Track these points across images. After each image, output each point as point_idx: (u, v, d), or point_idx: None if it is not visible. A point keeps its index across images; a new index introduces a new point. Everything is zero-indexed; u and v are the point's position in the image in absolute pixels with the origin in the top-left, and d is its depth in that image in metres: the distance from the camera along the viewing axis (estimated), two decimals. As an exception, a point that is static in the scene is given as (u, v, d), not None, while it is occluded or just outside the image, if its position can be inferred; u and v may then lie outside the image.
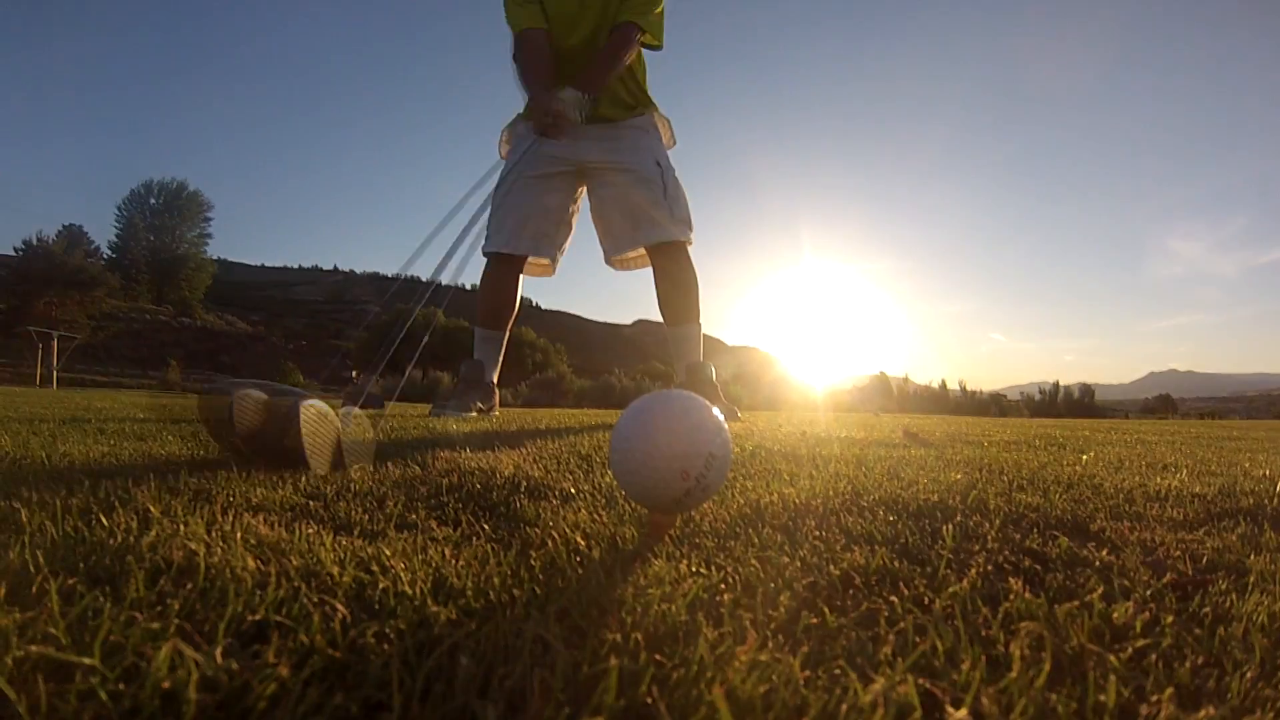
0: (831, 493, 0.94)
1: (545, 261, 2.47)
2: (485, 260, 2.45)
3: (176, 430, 1.70)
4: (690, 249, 2.35)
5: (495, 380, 2.48)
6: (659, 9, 2.34)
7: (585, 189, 2.48)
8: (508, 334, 2.50)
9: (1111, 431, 3.45)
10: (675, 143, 2.53)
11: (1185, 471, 1.39)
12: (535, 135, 2.39)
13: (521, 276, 2.51)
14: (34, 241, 56.61)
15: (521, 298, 2.57)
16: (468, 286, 2.59)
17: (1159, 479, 1.25)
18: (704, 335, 2.39)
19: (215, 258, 79.01)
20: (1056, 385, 17.49)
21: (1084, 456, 1.62)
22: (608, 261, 2.51)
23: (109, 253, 69.53)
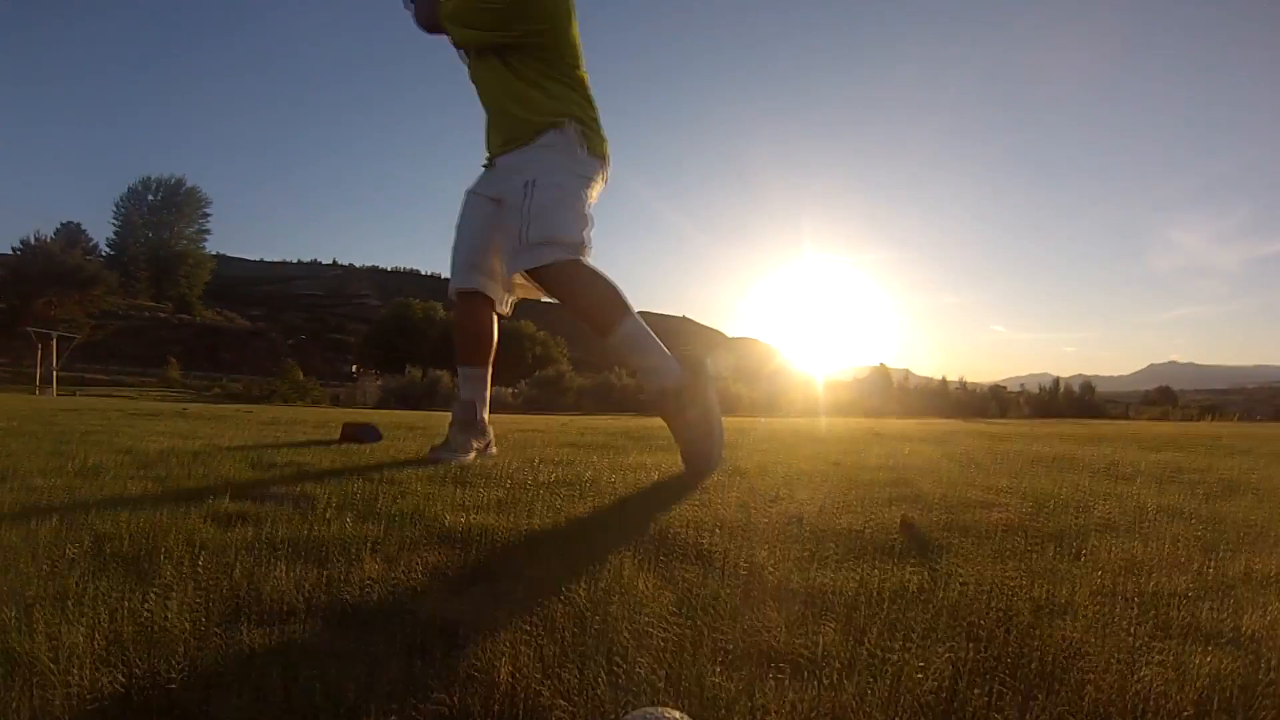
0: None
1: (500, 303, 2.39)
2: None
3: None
4: (569, 258, 2.17)
5: (487, 417, 2.45)
6: (467, 9, 2.31)
7: None
8: (490, 367, 2.45)
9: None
10: (603, 155, 2.32)
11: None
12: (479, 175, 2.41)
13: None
14: (32, 240, 56.45)
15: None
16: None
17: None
18: (705, 327, 2.23)
19: (214, 253, 78.81)
20: (1057, 383, 17.54)
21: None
22: (502, 309, 2.46)
23: (107, 250, 69.35)
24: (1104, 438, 4.33)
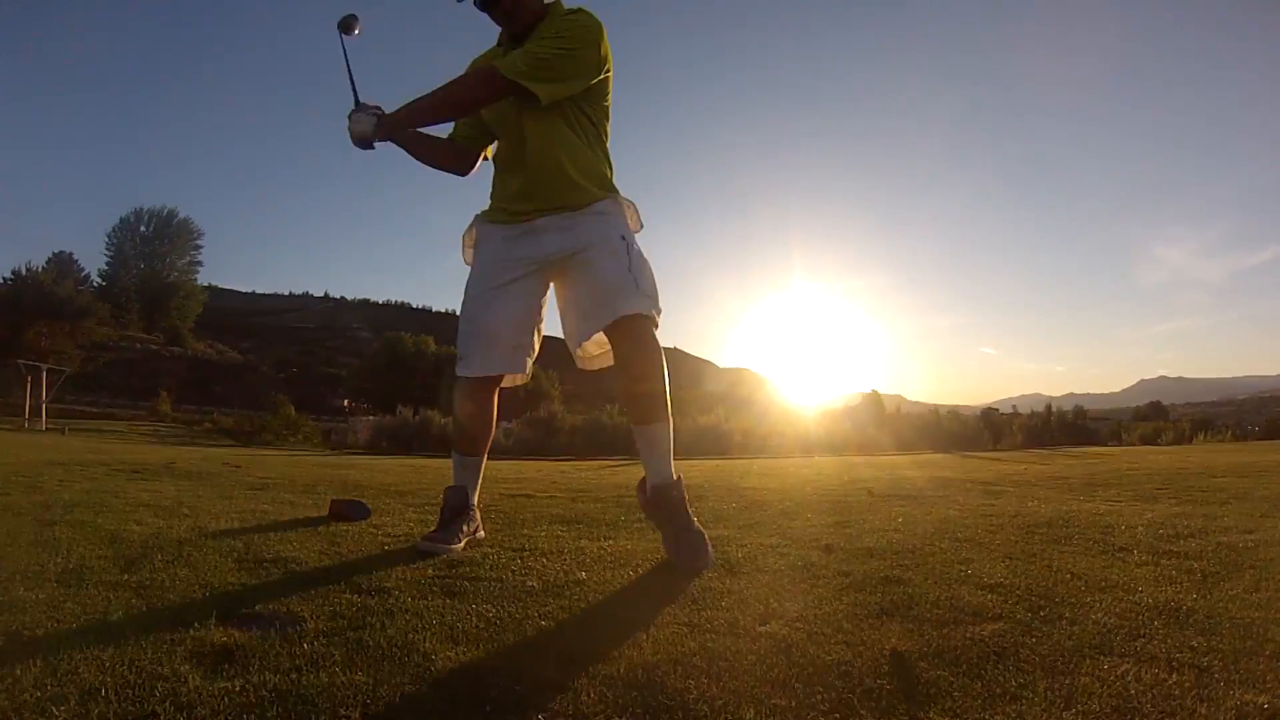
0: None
1: (520, 376, 2.40)
2: (458, 382, 2.33)
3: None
4: (656, 330, 2.18)
5: (477, 500, 2.43)
6: (551, 59, 2.15)
7: (552, 284, 2.35)
8: (486, 456, 2.45)
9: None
10: (642, 226, 2.39)
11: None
12: (489, 228, 2.32)
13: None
14: (23, 271, 56.32)
15: None
16: (458, 313, 2.48)
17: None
18: (696, 359, 2.18)
19: (206, 284, 78.72)
20: (1049, 409, 17.60)
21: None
22: (582, 363, 2.34)
23: (99, 281, 69.24)
24: (1099, 482, 4.32)
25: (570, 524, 2.80)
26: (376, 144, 2.22)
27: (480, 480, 2.44)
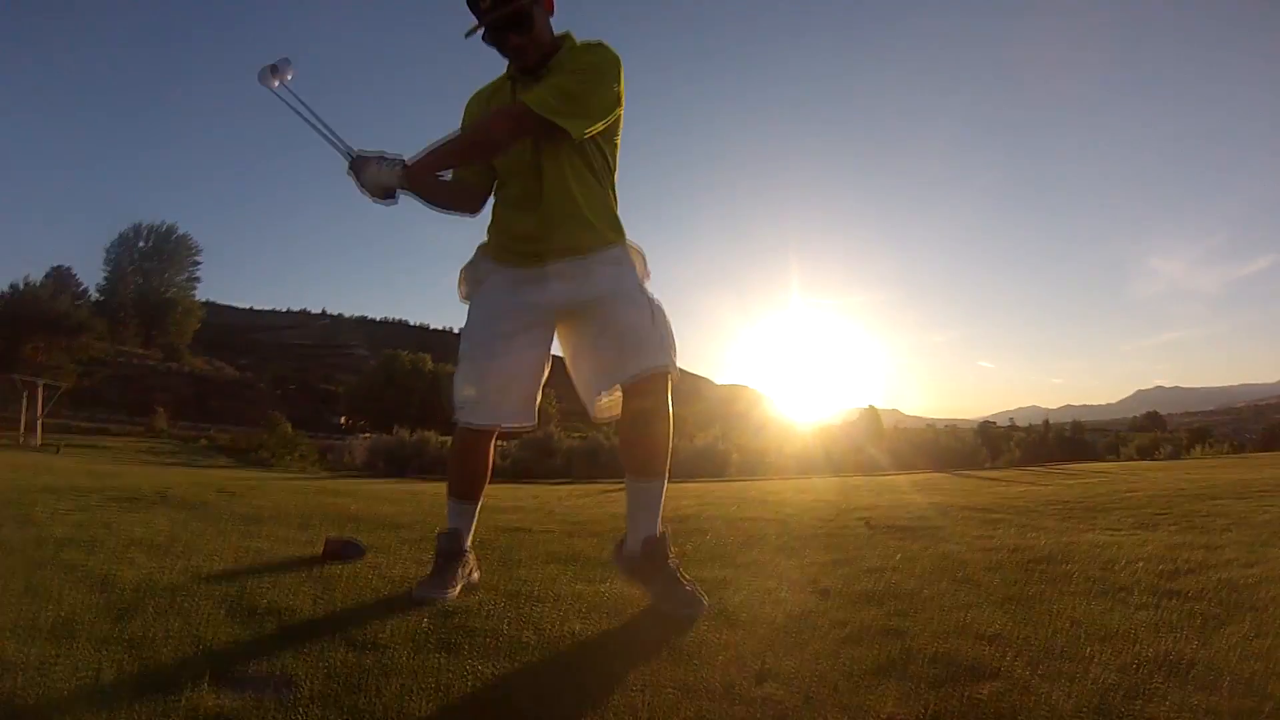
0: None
1: (528, 425, 2.38)
2: (457, 427, 2.27)
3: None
4: (671, 374, 2.16)
5: (471, 539, 2.40)
6: (580, 94, 2.09)
7: (559, 333, 2.28)
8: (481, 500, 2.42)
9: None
10: (649, 275, 2.38)
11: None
12: (495, 268, 2.24)
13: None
14: (20, 286, 56.31)
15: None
16: (455, 330, 2.44)
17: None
18: (693, 376, 2.12)
19: (204, 300, 78.80)
20: (1046, 424, 17.62)
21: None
22: (596, 412, 2.24)
23: (97, 295, 69.24)
24: (1099, 506, 4.31)
25: (566, 563, 2.78)
26: (400, 194, 2.12)
27: (474, 525, 2.42)
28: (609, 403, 2.24)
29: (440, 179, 2.26)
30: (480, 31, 2.11)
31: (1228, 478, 6.13)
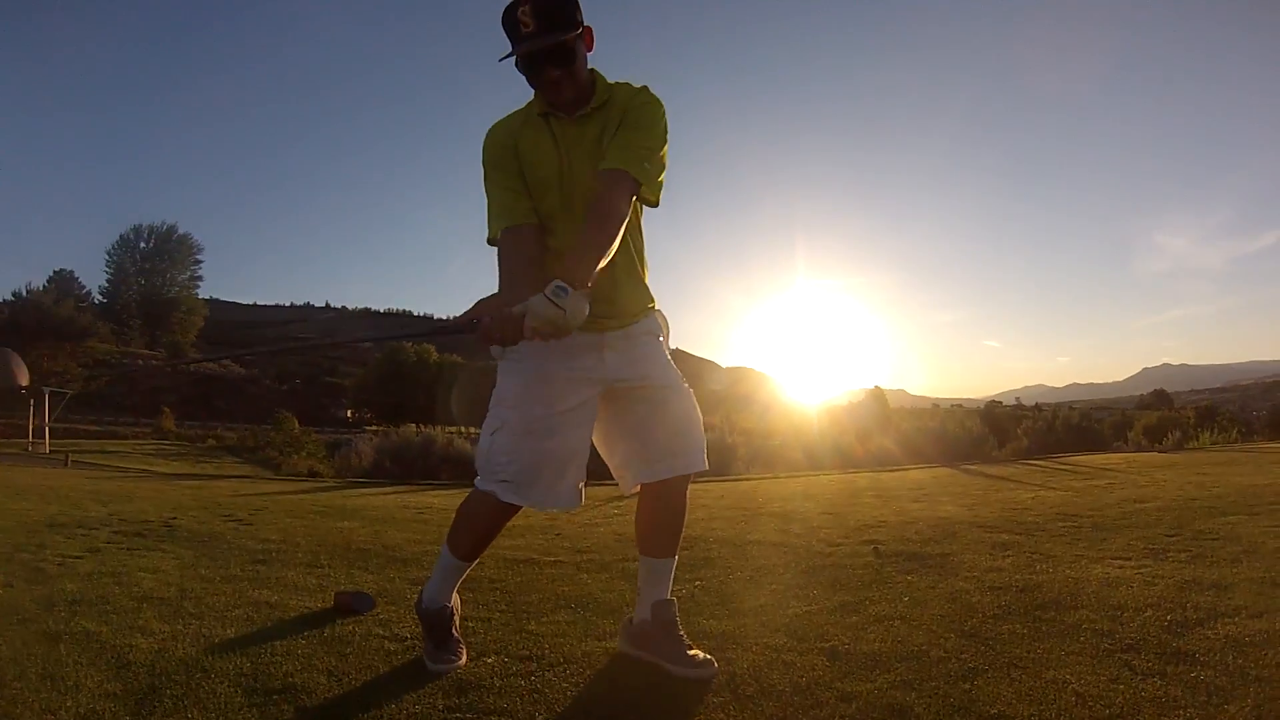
0: None
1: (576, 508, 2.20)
2: (483, 493, 2.12)
3: None
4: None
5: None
6: (660, 155, 2.03)
7: (605, 407, 2.19)
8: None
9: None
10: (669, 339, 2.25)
11: None
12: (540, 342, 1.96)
13: None
14: (24, 293, 56.55)
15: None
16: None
17: None
18: (698, 359, 2.06)
19: (207, 298, 79.00)
20: (1054, 413, 17.59)
21: None
22: (626, 489, 2.24)
23: (100, 298, 69.52)
24: (1108, 525, 4.30)
25: (576, 609, 2.80)
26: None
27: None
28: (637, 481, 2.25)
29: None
30: (513, 58, 1.97)
31: (1237, 481, 6.10)
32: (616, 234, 1.92)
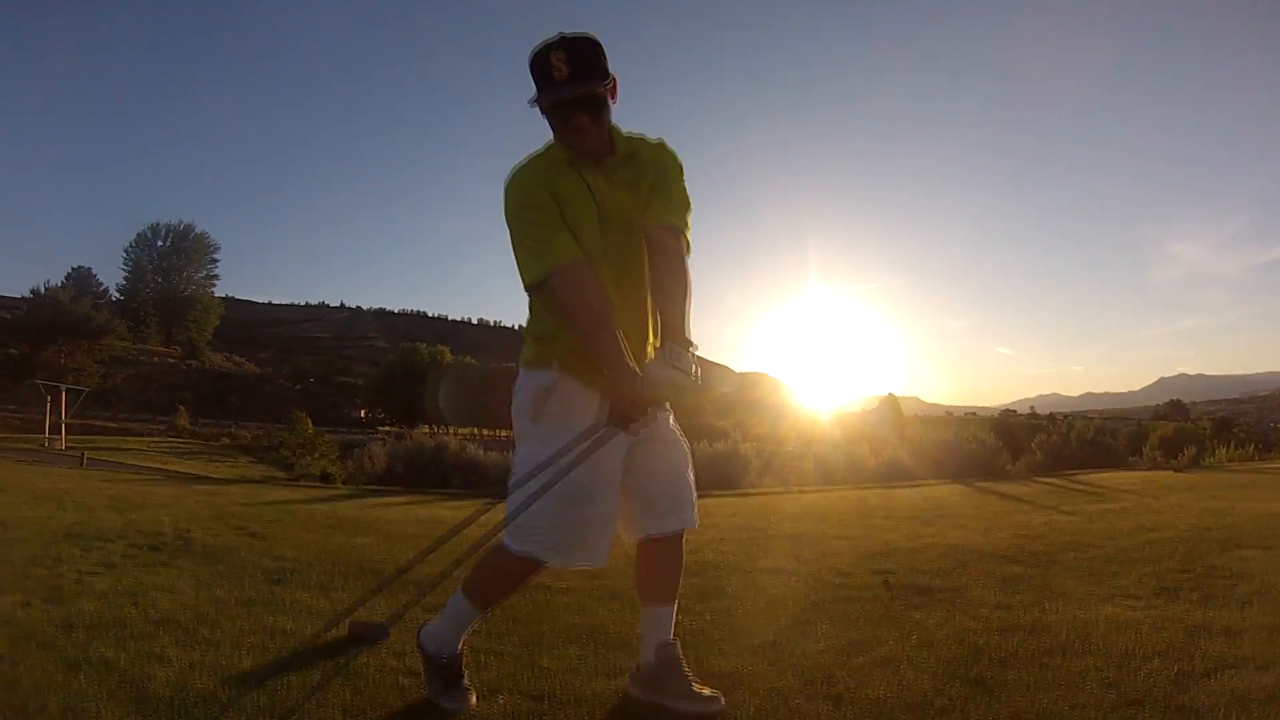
0: None
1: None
2: (517, 557, 2.09)
3: None
4: None
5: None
6: (689, 210, 2.12)
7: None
8: None
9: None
10: None
11: None
12: (583, 390, 2.06)
13: None
14: (42, 290, 57.14)
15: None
16: (474, 321, 2.25)
17: None
18: (710, 364, 2.02)
19: (222, 296, 79.61)
20: (1069, 426, 17.51)
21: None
22: (629, 540, 2.25)
23: (117, 295, 70.19)
24: (1120, 557, 4.28)
25: (587, 642, 2.83)
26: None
27: None
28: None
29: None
30: (537, 101, 1.97)
31: (1252, 509, 6.05)
32: (689, 292, 2.01)
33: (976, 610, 3.16)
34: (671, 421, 2.26)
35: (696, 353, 1.89)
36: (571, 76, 1.91)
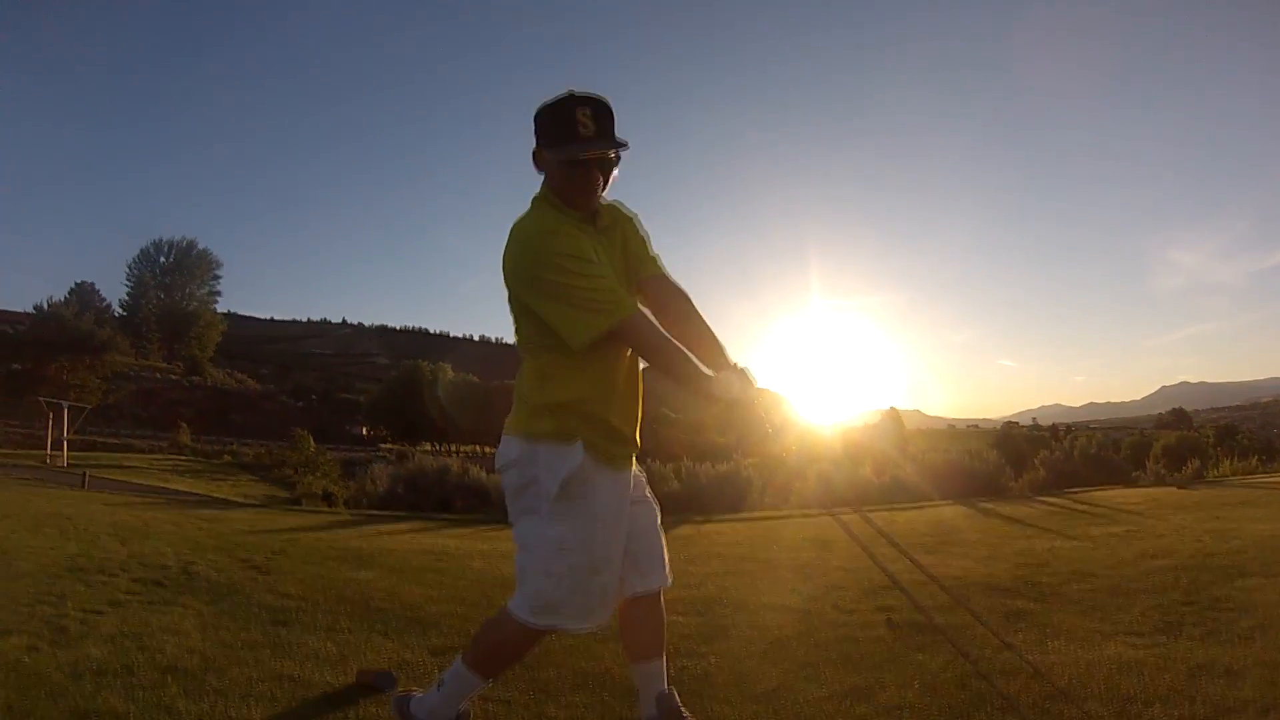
0: None
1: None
2: (522, 624, 2.09)
3: None
4: None
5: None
6: None
7: None
8: None
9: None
10: None
11: None
12: (602, 471, 2.03)
13: None
14: (45, 306, 57.30)
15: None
16: (476, 338, 2.22)
17: None
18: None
19: (225, 312, 79.80)
20: (1072, 446, 17.48)
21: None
22: (618, 600, 2.22)
23: (120, 311, 70.38)
24: (1123, 588, 4.29)
25: (593, 689, 2.84)
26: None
27: None
28: None
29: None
30: (564, 153, 1.93)
31: (1256, 530, 6.06)
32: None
33: (979, 651, 3.17)
34: (645, 479, 2.30)
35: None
36: (597, 134, 1.90)
